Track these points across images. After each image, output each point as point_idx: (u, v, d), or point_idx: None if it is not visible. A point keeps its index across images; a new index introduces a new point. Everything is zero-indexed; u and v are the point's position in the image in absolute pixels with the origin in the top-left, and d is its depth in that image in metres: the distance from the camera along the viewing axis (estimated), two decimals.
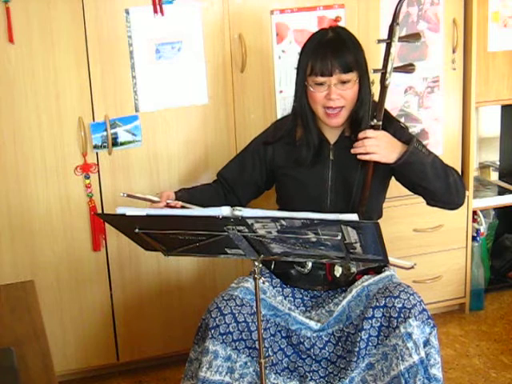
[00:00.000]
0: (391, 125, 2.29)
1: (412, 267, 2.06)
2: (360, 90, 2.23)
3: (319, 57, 2.18)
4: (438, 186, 2.21)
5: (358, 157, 2.19)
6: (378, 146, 2.15)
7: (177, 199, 2.29)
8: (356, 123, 2.25)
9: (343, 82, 2.19)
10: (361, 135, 2.18)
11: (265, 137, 2.44)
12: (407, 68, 2.25)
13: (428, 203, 2.32)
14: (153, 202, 2.26)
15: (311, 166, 2.30)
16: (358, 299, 2.18)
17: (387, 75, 2.18)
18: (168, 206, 2.23)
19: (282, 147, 2.37)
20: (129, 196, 2.24)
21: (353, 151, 2.20)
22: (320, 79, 2.19)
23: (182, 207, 2.23)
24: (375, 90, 2.27)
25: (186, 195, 2.36)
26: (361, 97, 2.23)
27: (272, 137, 2.40)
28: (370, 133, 2.17)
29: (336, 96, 2.19)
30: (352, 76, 2.19)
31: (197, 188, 2.48)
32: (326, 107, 2.22)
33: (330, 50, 2.18)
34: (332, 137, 2.32)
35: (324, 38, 2.22)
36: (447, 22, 3.00)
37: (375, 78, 2.25)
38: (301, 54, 2.27)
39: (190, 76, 2.75)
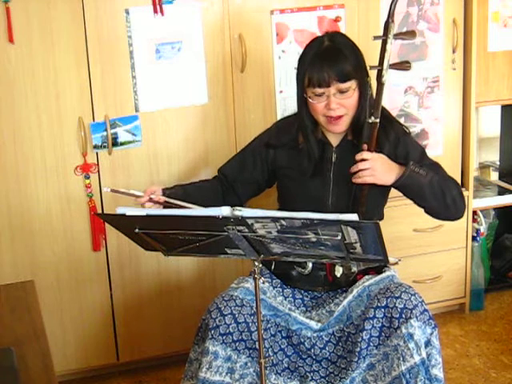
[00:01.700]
0: (392, 127, 2.29)
1: (396, 263, 2.12)
2: (360, 95, 2.22)
3: (316, 68, 2.17)
4: (436, 204, 2.23)
5: (353, 180, 2.19)
6: (373, 170, 2.15)
7: (167, 196, 2.25)
8: (358, 128, 2.25)
9: (342, 92, 2.18)
10: (357, 156, 2.17)
11: (267, 137, 2.43)
12: (403, 65, 2.25)
13: (426, 213, 2.33)
14: (136, 196, 2.24)
15: (313, 174, 2.30)
16: (359, 299, 2.18)
17: (383, 72, 2.18)
18: (151, 200, 2.20)
19: (285, 149, 2.37)
20: (112, 191, 2.24)
21: (351, 178, 2.19)
22: (318, 90, 2.18)
23: (166, 203, 2.21)
24: (372, 87, 2.27)
25: (180, 192, 2.33)
26: (362, 102, 2.22)
27: (275, 139, 2.39)
28: (366, 154, 2.17)
29: (336, 105, 2.18)
30: (351, 84, 2.18)
31: (194, 184, 2.47)
32: (327, 116, 2.22)
33: (327, 60, 2.16)
34: (335, 140, 2.32)
35: (320, 48, 2.20)
36: (447, 22, 3.00)
37: (372, 75, 2.25)
38: (298, 65, 2.26)
39: (189, 76, 2.75)
